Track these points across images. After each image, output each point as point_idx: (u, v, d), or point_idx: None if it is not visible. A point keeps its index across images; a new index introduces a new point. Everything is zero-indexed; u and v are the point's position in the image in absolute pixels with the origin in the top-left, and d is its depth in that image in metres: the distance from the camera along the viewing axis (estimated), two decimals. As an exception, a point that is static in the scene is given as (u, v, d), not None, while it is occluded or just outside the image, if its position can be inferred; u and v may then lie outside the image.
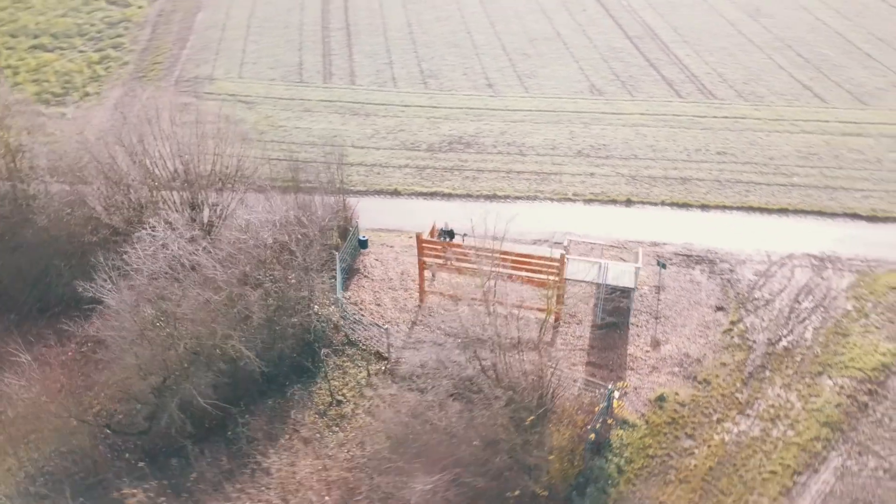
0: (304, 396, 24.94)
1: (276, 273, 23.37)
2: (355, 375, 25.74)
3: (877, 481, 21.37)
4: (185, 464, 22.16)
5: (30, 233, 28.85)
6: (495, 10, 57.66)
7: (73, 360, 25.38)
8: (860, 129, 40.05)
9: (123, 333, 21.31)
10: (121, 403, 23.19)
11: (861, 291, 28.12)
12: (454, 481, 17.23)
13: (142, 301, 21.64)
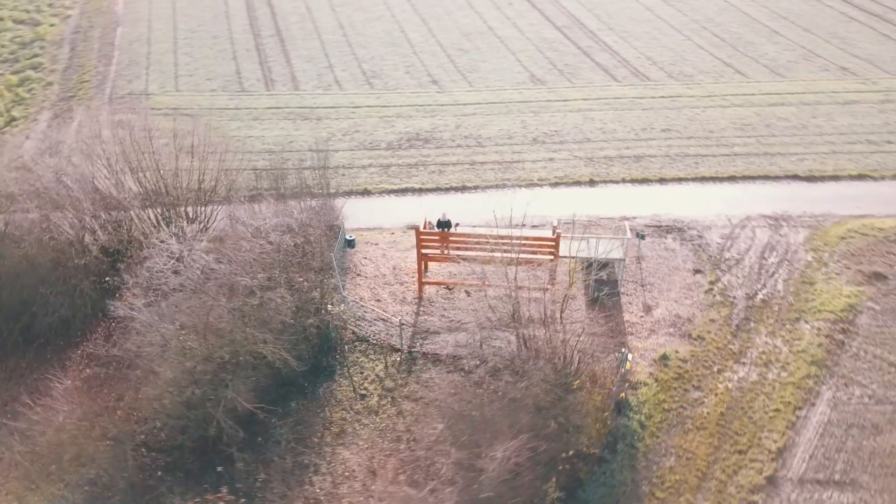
0: (327, 394, 25.37)
1: (295, 275, 23.70)
2: (373, 369, 26.37)
3: (865, 407, 24.01)
4: (234, 471, 22.27)
5: (9, 263, 27.75)
6: (424, 8, 58.74)
7: (98, 382, 24.79)
8: (782, 99, 43.65)
9: (155, 349, 21.14)
10: (151, 421, 22.91)
11: (816, 244, 31.06)
12: (523, 447, 18.34)
13: (173, 314, 21.51)
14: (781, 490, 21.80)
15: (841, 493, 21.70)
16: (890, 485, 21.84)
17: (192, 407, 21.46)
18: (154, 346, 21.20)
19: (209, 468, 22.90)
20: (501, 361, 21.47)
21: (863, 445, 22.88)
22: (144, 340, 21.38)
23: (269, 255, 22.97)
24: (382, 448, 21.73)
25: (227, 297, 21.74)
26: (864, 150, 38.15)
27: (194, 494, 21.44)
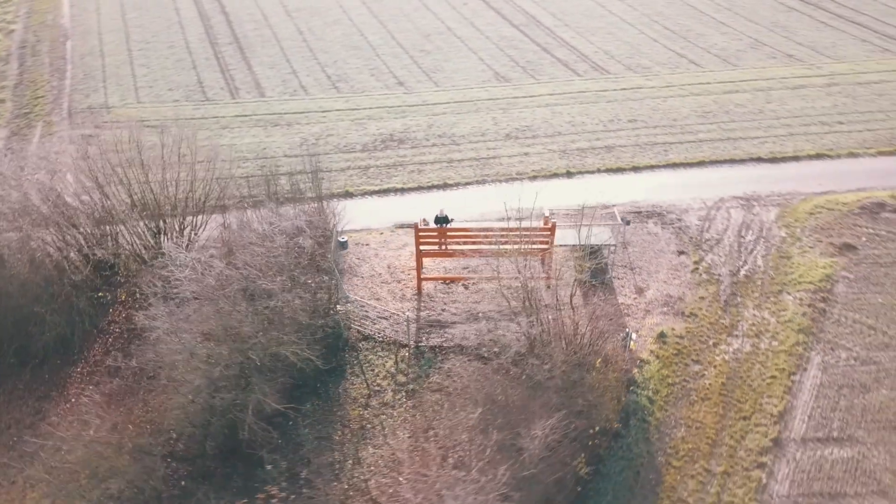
0: (341, 393, 25.70)
1: (305, 277, 23.97)
2: (383, 366, 26.81)
3: (852, 368, 25.71)
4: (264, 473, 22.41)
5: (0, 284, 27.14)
6: (381, 10, 59.17)
7: (120, 394, 24.50)
8: (736, 86, 45.78)
9: (182, 356, 21.12)
10: (178, 429, 22.82)
11: (788, 220, 32.90)
12: (558, 425, 19.13)
13: (197, 321, 21.50)
14: (787, 450, 23.22)
15: (840, 449, 23.26)
16: (884, 438, 23.50)
17: (219, 413, 21.50)
18: (179, 355, 21.14)
19: (234, 473, 22.97)
20: (523, 346, 22.23)
21: (854, 404, 24.53)
22: (167, 349, 21.29)
23: (284, 258, 23.17)
24: (417, 437, 22.14)
25: (249, 301, 21.85)
26: (818, 132, 40.37)
27: (227, 501, 21.48)
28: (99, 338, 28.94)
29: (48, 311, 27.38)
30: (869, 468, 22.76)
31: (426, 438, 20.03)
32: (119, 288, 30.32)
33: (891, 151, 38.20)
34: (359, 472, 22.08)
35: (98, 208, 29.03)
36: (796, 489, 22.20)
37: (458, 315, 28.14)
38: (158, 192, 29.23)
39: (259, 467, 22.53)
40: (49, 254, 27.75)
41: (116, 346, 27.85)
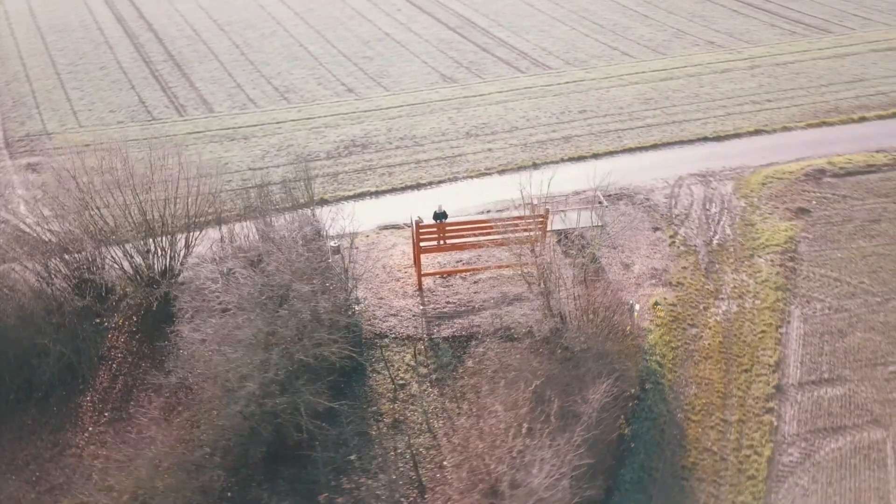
0: (367, 390, 26.31)
1: (328, 281, 24.48)
2: (402, 360, 27.58)
3: (828, 317, 28.51)
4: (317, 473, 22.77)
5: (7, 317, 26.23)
6: (315, 20, 59.45)
7: (166, 411, 24.18)
8: (669, 73, 48.92)
9: (237, 365, 21.20)
10: (233, 438, 22.74)
11: (744, 191, 35.78)
12: (609, 389, 20.58)
13: (243, 329, 21.64)
14: (788, 394, 25.61)
15: (833, 388, 25.86)
16: (867, 374, 26.29)
17: (268, 418, 21.74)
18: (232, 363, 21.22)
19: (279, 476, 23.21)
20: (554, 323, 23.60)
21: (836, 348, 27.27)
22: (220, 360, 21.33)
23: (310, 262, 23.59)
24: (476, 417, 22.87)
25: (288, 307, 22.17)
26: (751, 110, 43.81)
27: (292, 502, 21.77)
28: (102, 365, 28.33)
29: (52, 341, 26.65)
30: (860, 402, 25.43)
31: (486, 416, 20.98)
32: (116, 313, 29.73)
33: (817, 124, 41.97)
34: (430, 455, 22.78)
35: (97, 230, 28.42)
36: (803, 427, 24.58)
37: (467, 305, 29.19)
38: (160, 211, 28.91)
39: (304, 467, 22.86)
40: (51, 282, 26.92)
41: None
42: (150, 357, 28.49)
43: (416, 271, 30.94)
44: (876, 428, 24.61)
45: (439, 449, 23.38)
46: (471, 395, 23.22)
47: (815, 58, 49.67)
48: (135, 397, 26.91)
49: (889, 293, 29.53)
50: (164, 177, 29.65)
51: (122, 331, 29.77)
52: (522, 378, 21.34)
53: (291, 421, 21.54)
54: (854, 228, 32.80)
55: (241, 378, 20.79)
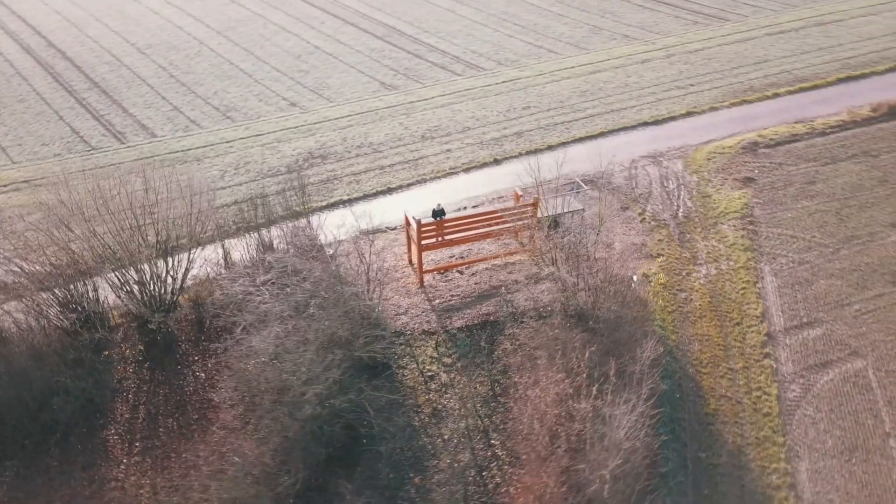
0: (397, 385, 27.22)
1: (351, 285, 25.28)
2: (424, 353, 28.66)
3: (793, 270, 31.95)
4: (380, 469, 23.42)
5: (12, 356, 25.26)
6: (239, 38, 59.03)
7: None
8: (596, 67, 52.24)
9: (301, 371, 21.56)
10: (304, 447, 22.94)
11: (693, 168, 39.13)
12: (654, 348, 22.56)
13: (315, 334, 21.99)
14: (778, 340, 28.66)
15: (813, 330, 29.15)
16: (837, 315, 29.79)
17: (335, 418, 22.28)
18: (301, 367, 21.56)
19: (352, 473, 23.68)
20: (577, 298, 25.50)
21: (807, 295, 30.67)
22: (288, 366, 21.61)
23: (338, 267, 24.28)
24: (534, 388, 24.11)
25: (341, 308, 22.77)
26: (678, 95, 47.63)
27: (367, 497, 22.37)
28: (118, 396, 27.74)
29: (70, 377, 25.92)
30: (838, 338, 28.84)
31: (548, 385, 22.41)
32: (123, 343, 29.14)
33: (738, 102, 46.25)
34: (469, 442, 23.98)
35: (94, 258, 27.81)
36: (798, 366, 27.64)
37: (472, 295, 30.59)
38: (157, 233, 28.61)
39: (372, 462, 23.56)
40: (63, 319, 26.15)
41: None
42: (166, 383, 28.17)
43: (417, 269, 31.98)
44: (856, 358, 28.03)
45: (503, 423, 24.58)
46: (522, 370, 24.55)
47: (721, 44, 54.39)
48: (165, 423, 26.61)
49: (838, 243, 33.39)
50: (154, 198, 29.26)
51: (128, 362, 29.15)
52: (569, 347, 23.00)
53: (356, 418, 22.18)
54: (795, 191, 36.69)
55: (308, 380, 21.25)
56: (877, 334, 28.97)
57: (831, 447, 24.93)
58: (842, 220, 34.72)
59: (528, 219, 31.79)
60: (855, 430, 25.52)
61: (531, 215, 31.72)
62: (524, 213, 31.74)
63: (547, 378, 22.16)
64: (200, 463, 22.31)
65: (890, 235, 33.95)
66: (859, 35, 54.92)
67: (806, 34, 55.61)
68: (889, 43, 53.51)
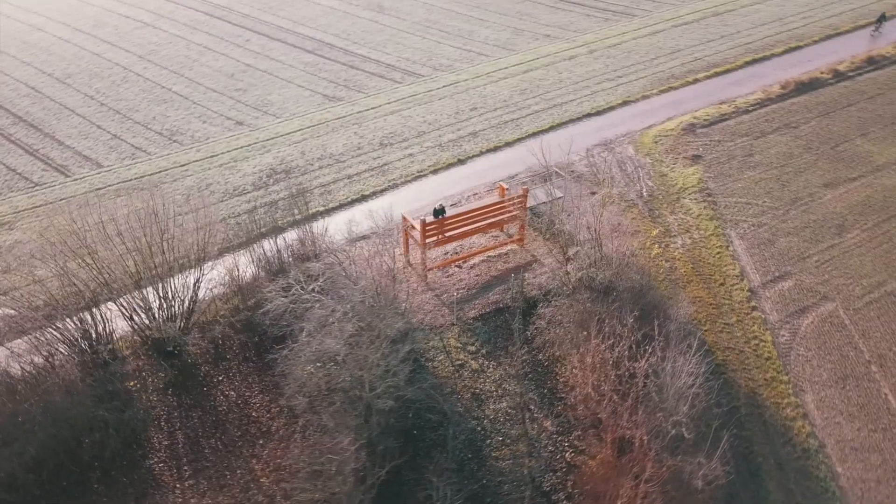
0: (427, 377, 28.42)
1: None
2: (447, 344, 29.99)
3: (756, 231, 35.59)
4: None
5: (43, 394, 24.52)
6: (163, 61, 57.75)
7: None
8: (528, 66, 55.09)
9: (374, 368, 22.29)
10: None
11: (644, 151, 42.46)
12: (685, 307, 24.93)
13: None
14: (759, 294, 32.02)
15: (785, 282, 32.75)
16: (802, 267, 33.56)
17: (406, 409, 23.22)
18: (369, 363, 22.29)
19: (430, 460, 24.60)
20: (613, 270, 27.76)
21: (773, 253, 34.33)
22: (352, 366, 22.27)
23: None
24: (588, 355, 25.76)
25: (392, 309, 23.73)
26: (609, 87, 51.13)
27: (446, 479, 23.42)
28: (150, 425, 27.38)
29: (107, 410, 25.43)
30: (807, 287, 32.55)
31: (597, 351, 24.29)
32: (143, 371, 28.71)
33: (666, 89, 50.25)
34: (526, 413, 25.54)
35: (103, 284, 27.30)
36: (781, 314, 31.04)
37: (477, 286, 32.21)
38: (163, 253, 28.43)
39: (442, 447, 24.68)
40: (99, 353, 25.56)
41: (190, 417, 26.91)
42: (197, 406, 28.05)
43: (421, 267, 33.19)
44: (827, 302, 31.79)
45: (560, 393, 26.26)
46: (562, 343, 26.31)
47: (635, 37, 58.66)
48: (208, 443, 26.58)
49: (785, 206, 37.44)
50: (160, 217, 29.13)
51: (150, 390, 28.75)
52: (605, 317, 25.07)
53: (426, 406, 23.24)
54: (738, 164, 40.67)
55: (382, 375, 22.13)
56: (838, 280, 32.92)
57: (826, 379, 28.33)
58: (783, 186, 38.87)
59: (519, 208, 33.75)
60: (841, 362, 29.10)
61: (522, 205, 33.69)
62: (516, 204, 33.64)
63: (594, 346, 24.08)
64: (276, 467, 22.61)
65: (826, 195, 38.39)
66: (752, 22, 60.70)
67: (706, 24, 60.85)
68: (777, 28, 59.54)
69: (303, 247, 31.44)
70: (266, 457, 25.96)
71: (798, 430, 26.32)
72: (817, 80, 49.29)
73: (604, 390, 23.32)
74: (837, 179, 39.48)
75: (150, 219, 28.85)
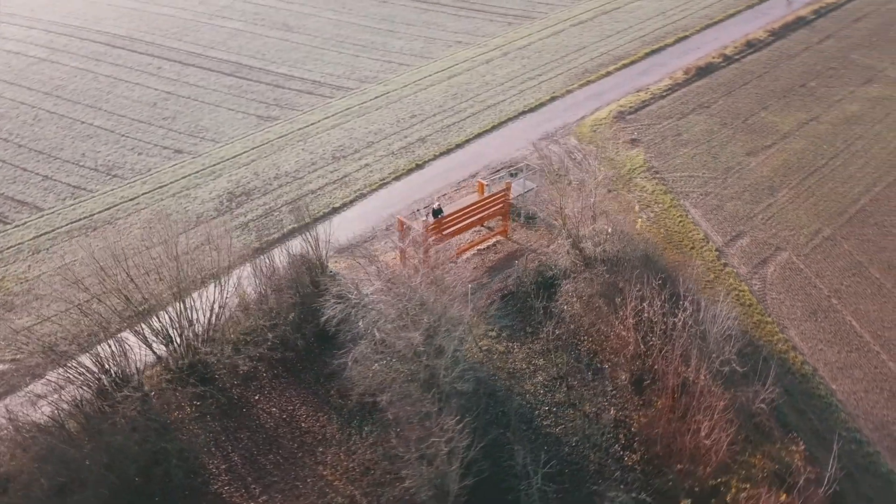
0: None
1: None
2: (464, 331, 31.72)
3: (705, 199, 39.87)
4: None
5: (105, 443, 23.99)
6: (74, 95, 55.23)
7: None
8: (451, 72, 57.61)
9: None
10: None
11: (585, 140, 46.08)
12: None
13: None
14: (725, 252, 36.11)
15: (742, 239, 37.08)
16: (751, 224, 38.07)
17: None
18: (450, 353, 23.60)
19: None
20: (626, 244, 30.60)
21: (725, 216, 38.67)
22: (428, 353, 23.48)
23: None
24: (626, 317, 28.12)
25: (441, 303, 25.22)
26: (534, 84, 54.59)
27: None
28: (203, 451, 27.25)
29: (167, 441, 25.23)
30: (762, 240, 37.05)
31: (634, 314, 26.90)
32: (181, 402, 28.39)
33: (584, 83, 54.35)
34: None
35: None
36: (748, 267, 35.25)
37: (481, 277, 34.21)
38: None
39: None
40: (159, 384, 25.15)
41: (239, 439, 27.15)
42: (244, 427, 28.15)
43: (424, 265, 34.62)
44: (781, 252, 36.42)
45: (595, 357, 28.64)
46: (590, 312, 28.74)
47: (541, 38, 62.74)
48: (267, 459, 26.85)
49: (721, 175, 42.16)
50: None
51: (191, 419, 28.50)
52: (630, 281, 27.84)
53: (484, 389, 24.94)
54: (672, 143, 45.16)
55: (455, 360, 23.60)
56: (783, 232, 37.73)
57: (801, 315, 32.69)
58: (715, 158, 43.68)
59: (503, 202, 36.06)
60: (808, 299, 33.61)
61: (505, 198, 36.02)
62: (501, 198, 35.92)
63: (632, 308, 26.75)
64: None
65: (751, 162, 43.54)
66: (639, 17, 66.57)
67: (600, 22, 66.05)
68: (663, 21, 65.69)
69: (308, 257, 31.98)
70: (331, 461, 26.59)
71: (793, 359, 30.32)
72: (712, 65, 55.16)
73: (652, 344, 26.02)
74: (756, 148, 44.81)
75: (169, 250, 28.41)
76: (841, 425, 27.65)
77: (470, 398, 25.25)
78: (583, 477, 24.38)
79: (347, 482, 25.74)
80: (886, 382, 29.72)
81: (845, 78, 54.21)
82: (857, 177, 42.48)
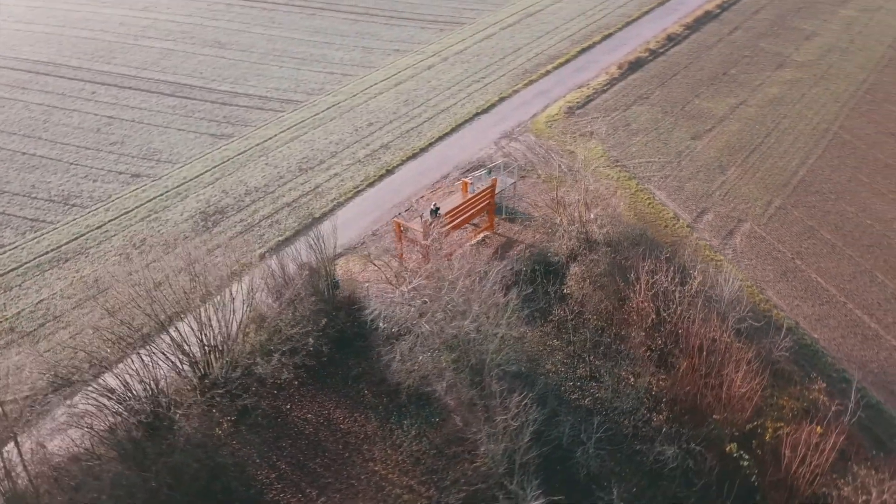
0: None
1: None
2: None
3: (666, 182, 43.01)
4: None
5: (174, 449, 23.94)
6: (6, 126, 52.83)
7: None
8: (397, 79, 58.82)
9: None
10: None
11: (542, 136, 48.47)
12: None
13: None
14: (695, 227, 39.14)
15: (707, 215, 40.24)
16: (714, 201, 41.38)
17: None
18: (496, 340, 24.87)
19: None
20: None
21: (688, 195, 41.81)
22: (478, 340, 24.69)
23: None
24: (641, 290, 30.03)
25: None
26: (480, 87, 56.61)
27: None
28: (249, 463, 27.43)
29: (225, 455, 25.37)
30: (725, 213, 40.35)
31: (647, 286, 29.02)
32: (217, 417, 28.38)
33: (528, 83, 56.83)
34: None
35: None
36: (718, 239, 38.37)
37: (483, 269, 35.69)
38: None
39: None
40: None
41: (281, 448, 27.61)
42: (285, 436, 28.47)
43: (424, 263, 35.76)
44: (743, 223, 39.84)
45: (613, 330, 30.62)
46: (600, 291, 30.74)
47: (476, 42, 64.97)
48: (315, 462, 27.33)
49: (675, 158, 45.49)
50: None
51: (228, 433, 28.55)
52: (634, 262, 30.08)
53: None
54: (625, 133, 48.21)
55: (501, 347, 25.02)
56: (741, 206, 41.26)
57: (773, 277, 36.03)
58: (665, 144, 47.02)
59: (490, 197, 37.77)
60: (775, 263, 37.05)
61: (491, 194, 37.74)
62: (489, 194, 37.59)
63: (645, 282, 28.96)
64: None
65: (697, 145, 47.17)
66: (563, 18, 70.02)
67: (527, 24, 69.02)
68: (585, 21, 69.38)
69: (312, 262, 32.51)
70: (379, 457, 27.37)
71: (776, 316, 33.50)
72: (641, 59, 58.98)
73: (671, 311, 28.29)
74: (699, 132, 48.54)
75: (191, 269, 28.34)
76: (830, 367, 30.92)
77: (513, 379, 26.66)
78: (623, 439, 26.28)
79: (401, 474, 26.58)
80: (858, 328, 33.35)
81: (760, 64, 59.26)
82: (790, 152, 46.83)
